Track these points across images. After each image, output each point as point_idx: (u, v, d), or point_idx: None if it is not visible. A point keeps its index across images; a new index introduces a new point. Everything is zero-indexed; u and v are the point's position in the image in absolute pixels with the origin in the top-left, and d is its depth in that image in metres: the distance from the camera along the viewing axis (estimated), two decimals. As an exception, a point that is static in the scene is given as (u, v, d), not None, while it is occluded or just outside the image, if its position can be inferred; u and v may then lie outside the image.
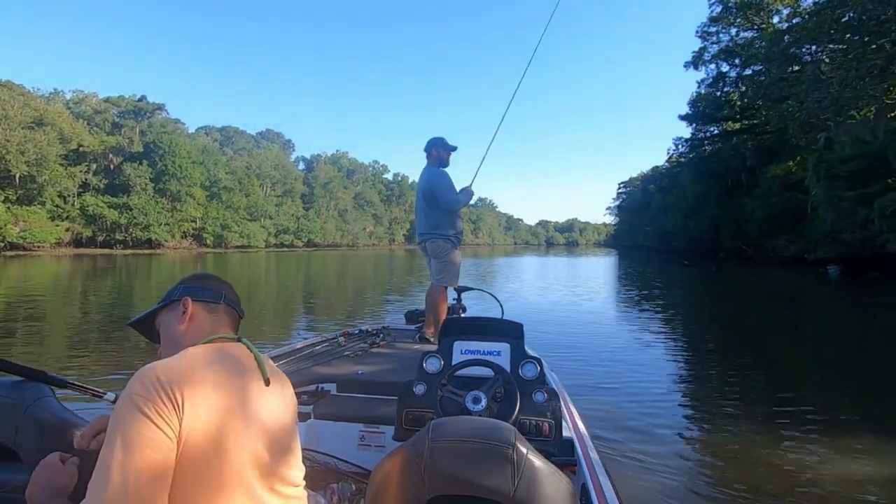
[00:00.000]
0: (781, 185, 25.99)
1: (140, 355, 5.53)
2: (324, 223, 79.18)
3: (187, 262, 32.83)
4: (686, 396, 4.57)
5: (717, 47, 33.51)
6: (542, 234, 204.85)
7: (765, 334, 7.86)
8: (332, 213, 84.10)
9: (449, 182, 3.88)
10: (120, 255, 40.18)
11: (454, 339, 1.93)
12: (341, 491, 1.65)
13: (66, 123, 45.20)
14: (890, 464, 2.99)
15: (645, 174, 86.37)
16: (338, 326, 5.53)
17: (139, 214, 50.05)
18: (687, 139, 42.22)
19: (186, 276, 1.12)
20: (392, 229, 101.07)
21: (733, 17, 32.32)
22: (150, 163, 52.94)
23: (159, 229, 51.89)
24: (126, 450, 0.75)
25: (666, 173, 63.19)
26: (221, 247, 58.89)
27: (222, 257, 40.47)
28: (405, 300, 11.43)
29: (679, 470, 2.91)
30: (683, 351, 6.60)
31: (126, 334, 6.62)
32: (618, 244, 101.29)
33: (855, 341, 7.36)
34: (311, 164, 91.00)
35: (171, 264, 29.05)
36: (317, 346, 3.14)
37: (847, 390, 4.70)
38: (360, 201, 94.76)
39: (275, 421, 0.95)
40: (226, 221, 59.89)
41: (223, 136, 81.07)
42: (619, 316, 9.49)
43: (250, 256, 43.58)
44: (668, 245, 48.60)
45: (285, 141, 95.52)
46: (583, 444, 1.77)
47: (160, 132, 55.96)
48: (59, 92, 53.78)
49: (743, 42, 32.12)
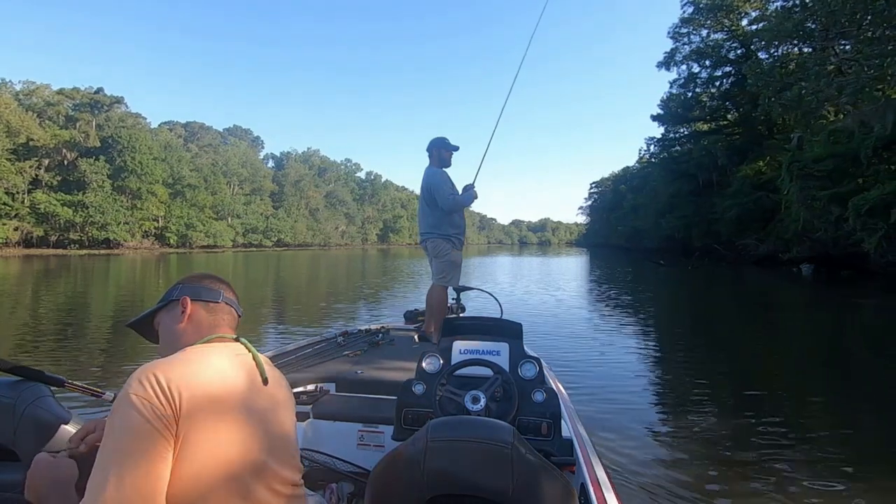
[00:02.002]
0: (752, 184, 26.39)
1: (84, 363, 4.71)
2: (294, 222, 77.50)
3: (149, 262, 31.39)
4: (686, 396, 4.48)
5: (688, 48, 33.94)
6: (515, 234, 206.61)
7: (756, 334, 7.83)
8: (303, 213, 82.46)
9: (446, 182, 3.85)
10: (75, 256, 37.90)
11: (453, 339, 1.92)
12: (340, 490, 1.68)
13: (13, 115, 42.41)
14: (865, 463, 3.02)
15: (616, 174, 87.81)
16: (298, 335, 5.25)
17: (96, 213, 47.45)
18: (658, 139, 42.77)
19: (185, 275, 1.11)
20: (365, 228, 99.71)
21: (704, 19, 32.79)
22: (108, 158, 50.28)
23: (118, 228, 49.37)
24: (124, 449, 0.76)
25: (637, 173, 64.33)
26: (186, 247, 56.73)
27: (187, 258, 38.82)
28: (379, 305, 10.76)
29: (679, 470, 2.88)
30: (678, 351, 6.54)
31: (80, 343, 6.38)
32: (589, 243, 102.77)
33: (837, 341, 7.39)
34: (281, 161, 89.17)
35: (131, 265, 27.60)
36: (316, 346, 3.12)
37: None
38: (332, 200, 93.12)
39: (273, 420, 0.96)
40: (190, 220, 57.66)
41: (188, 131, 78.13)
42: (611, 317, 9.27)
43: (217, 257, 42.06)
44: (640, 244, 49.35)
45: (254, 138, 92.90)
46: (582, 443, 1.76)
47: (119, 126, 53.23)
48: (6, 82, 50.47)
49: (713, 43, 32.66)
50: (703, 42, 33.30)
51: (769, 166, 26.82)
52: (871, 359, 6.19)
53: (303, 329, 7.43)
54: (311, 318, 8.87)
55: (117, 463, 0.75)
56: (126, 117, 57.32)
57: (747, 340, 7.25)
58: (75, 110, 52.88)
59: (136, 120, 59.24)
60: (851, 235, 15.37)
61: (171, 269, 25.52)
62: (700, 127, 36.98)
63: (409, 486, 1.01)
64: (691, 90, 35.75)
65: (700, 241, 31.07)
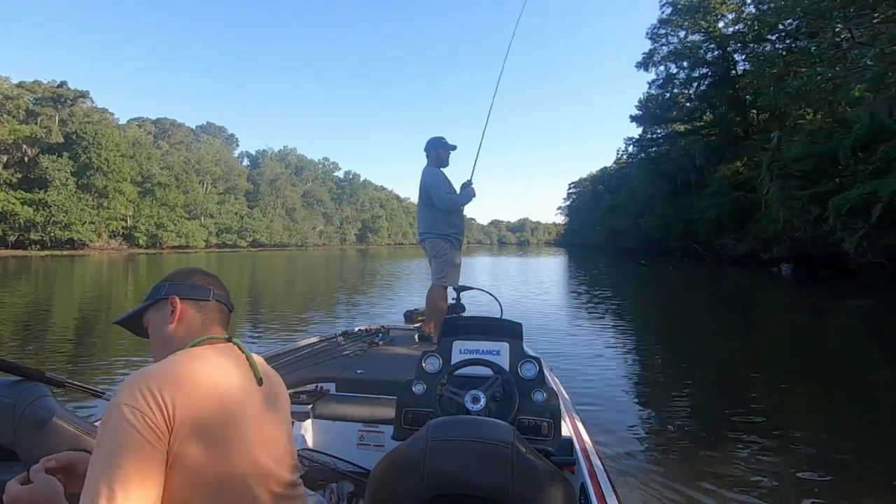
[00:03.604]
0: (730, 185, 26.61)
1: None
2: (270, 222, 75.92)
3: (116, 263, 30.17)
4: (685, 397, 4.47)
5: (666, 49, 34.19)
6: (494, 234, 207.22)
7: (748, 335, 7.82)
8: (280, 212, 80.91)
9: (443, 181, 3.84)
10: (36, 257, 36.04)
11: (453, 339, 1.92)
12: (340, 490, 1.69)
13: (-33, 109, 40.22)
14: (843, 463, 3.06)
15: (595, 174, 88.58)
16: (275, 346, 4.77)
17: (59, 212, 45.27)
18: (636, 139, 43.04)
19: (172, 272, 1.08)
20: (343, 228, 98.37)
21: (682, 20, 33.07)
22: (72, 155, 48.10)
23: (83, 228, 47.23)
24: (115, 462, 0.75)
25: (615, 174, 64.92)
26: (156, 247, 54.87)
27: (156, 259, 37.39)
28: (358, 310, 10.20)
29: (679, 470, 2.89)
30: (676, 351, 6.47)
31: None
32: (567, 243, 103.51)
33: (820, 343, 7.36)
34: (257, 160, 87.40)
35: (97, 266, 26.42)
36: (316, 346, 3.14)
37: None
38: (310, 199, 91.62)
39: (268, 421, 0.96)
40: (161, 220, 55.81)
41: (158, 128, 75.55)
42: (606, 318, 9.23)
43: (189, 257, 40.82)
44: (619, 244, 49.60)
45: (228, 135, 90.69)
46: (582, 443, 1.76)
47: (84, 122, 51.09)
48: (-39, 74, 47.94)
49: (691, 45, 32.97)
50: (681, 43, 33.59)
51: (746, 166, 27.11)
52: (856, 359, 6.15)
53: (280, 339, 6.84)
54: (288, 326, 8.25)
55: (109, 476, 0.74)
56: (92, 112, 55.17)
57: (741, 341, 7.24)
58: (36, 104, 50.53)
59: (102, 115, 57.03)
60: (831, 235, 15.44)
61: (140, 270, 24.66)
62: (677, 128, 37.34)
63: (410, 486, 0.99)
64: (669, 91, 36.05)
65: (679, 241, 31.26)
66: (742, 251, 23.43)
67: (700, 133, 34.43)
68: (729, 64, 31.97)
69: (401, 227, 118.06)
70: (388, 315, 8.53)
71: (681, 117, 36.30)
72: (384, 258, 41.53)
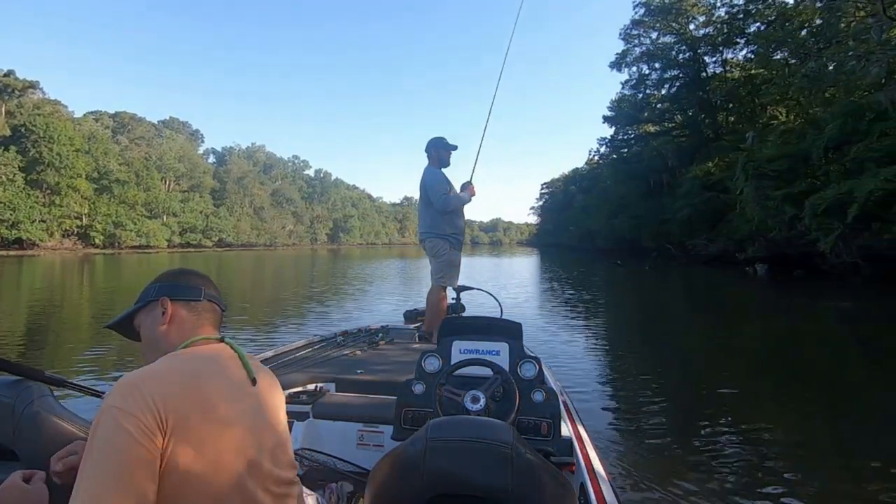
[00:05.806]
0: (702, 185, 26.84)
1: None
2: (237, 221, 73.61)
3: (70, 264, 28.42)
4: (684, 397, 4.49)
5: (639, 50, 34.43)
6: (467, 234, 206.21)
7: (737, 337, 7.69)
8: (247, 211, 78.51)
9: (441, 181, 3.81)
10: (-22, 258, 33.63)
11: (453, 339, 1.92)
12: (340, 490, 1.69)
13: None
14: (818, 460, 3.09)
15: (567, 175, 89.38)
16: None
17: (5, 209, 42.60)
18: (608, 140, 43.29)
19: (161, 273, 1.07)
20: (314, 228, 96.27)
21: (654, 21, 33.34)
22: (21, 149, 45.40)
23: (32, 227, 44.59)
24: (106, 467, 0.74)
25: (587, 174, 65.47)
26: (114, 247, 52.27)
27: (115, 259, 35.45)
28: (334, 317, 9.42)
29: (678, 469, 2.86)
30: (675, 351, 6.46)
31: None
32: (540, 243, 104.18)
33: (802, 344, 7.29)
34: (223, 157, 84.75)
35: (49, 267, 24.76)
36: (316, 346, 3.14)
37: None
38: (279, 198, 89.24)
39: (264, 420, 0.95)
40: (119, 219, 53.24)
41: (116, 122, 71.92)
42: (596, 319, 9.30)
43: (150, 258, 38.76)
44: (592, 244, 49.88)
45: (192, 131, 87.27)
46: (581, 443, 1.76)
47: (33, 114, 48.14)
48: None
49: (663, 46, 33.28)
50: (654, 44, 33.88)
51: (718, 167, 27.40)
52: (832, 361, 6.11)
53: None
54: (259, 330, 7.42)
55: (99, 481, 0.72)
56: (42, 104, 52.14)
57: (734, 342, 7.17)
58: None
59: (54, 107, 53.89)
60: (805, 235, 15.50)
61: (95, 271, 23.27)
62: (649, 129, 37.71)
63: (409, 486, 1.00)
64: (642, 91, 36.34)
65: (652, 241, 31.45)
66: (714, 251, 23.60)
67: (671, 134, 34.82)
68: (700, 66, 32.42)
69: (373, 226, 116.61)
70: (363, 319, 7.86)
71: (652, 118, 36.65)
72: (356, 258, 40.54)
